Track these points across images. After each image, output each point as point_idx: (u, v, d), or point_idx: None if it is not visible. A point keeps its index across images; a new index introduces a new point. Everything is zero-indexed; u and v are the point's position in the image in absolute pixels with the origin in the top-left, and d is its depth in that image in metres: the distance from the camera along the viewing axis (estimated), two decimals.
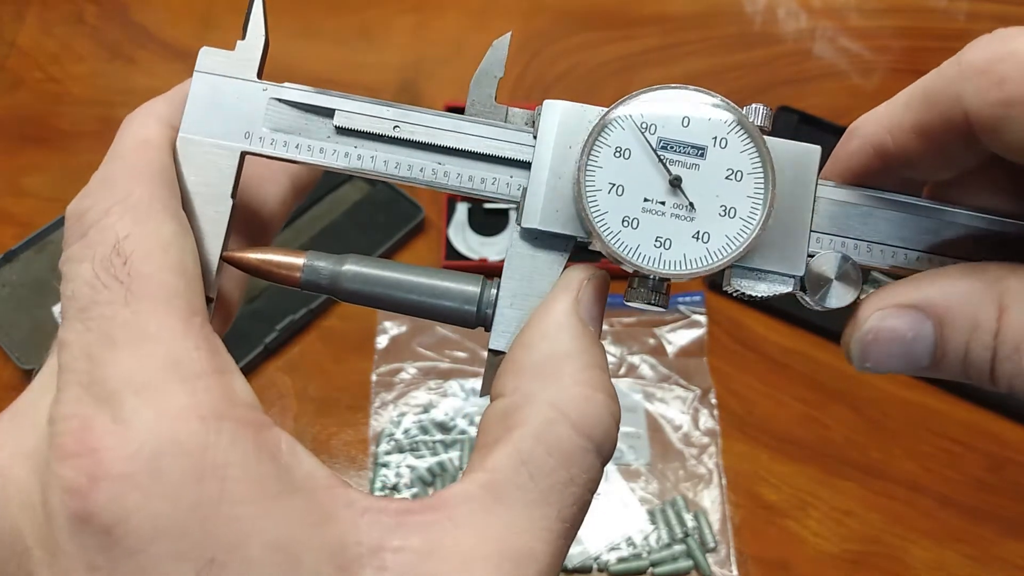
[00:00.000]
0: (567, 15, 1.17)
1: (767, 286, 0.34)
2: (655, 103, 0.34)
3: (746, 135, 0.34)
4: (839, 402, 0.89)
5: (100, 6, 1.16)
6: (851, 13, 1.20)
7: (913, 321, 0.31)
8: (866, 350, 0.32)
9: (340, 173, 0.36)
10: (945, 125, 0.32)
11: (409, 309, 0.35)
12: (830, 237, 0.34)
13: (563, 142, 0.34)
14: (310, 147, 0.35)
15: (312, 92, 0.35)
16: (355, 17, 1.15)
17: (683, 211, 0.33)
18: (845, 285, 0.34)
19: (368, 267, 0.35)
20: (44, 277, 0.91)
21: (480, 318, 0.35)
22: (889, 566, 0.80)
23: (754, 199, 0.33)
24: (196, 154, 0.34)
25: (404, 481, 0.81)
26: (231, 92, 0.35)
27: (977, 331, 0.30)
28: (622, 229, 0.33)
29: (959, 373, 0.31)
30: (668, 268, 0.33)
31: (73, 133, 1.04)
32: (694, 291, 0.94)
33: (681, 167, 0.34)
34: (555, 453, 0.31)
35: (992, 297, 0.30)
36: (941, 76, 0.32)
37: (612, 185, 0.33)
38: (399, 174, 0.35)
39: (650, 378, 0.89)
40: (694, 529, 0.80)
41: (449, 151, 0.35)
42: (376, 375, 0.88)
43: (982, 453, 0.86)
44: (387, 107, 0.35)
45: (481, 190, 0.35)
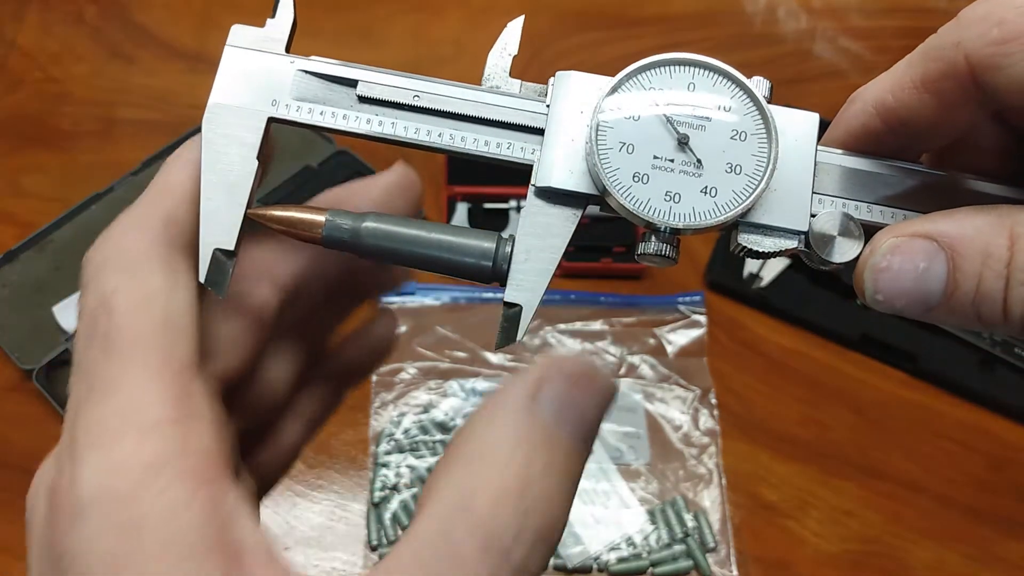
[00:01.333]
0: (567, 15, 1.17)
1: (773, 241, 0.35)
2: (663, 69, 0.36)
3: (748, 99, 0.36)
4: (839, 402, 0.89)
5: (100, 6, 1.16)
6: (851, 13, 1.20)
7: (927, 249, 0.31)
8: (878, 279, 0.32)
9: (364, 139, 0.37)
10: (946, 74, 0.32)
11: (427, 264, 0.36)
12: (832, 199, 0.36)
13: (575, 107, 0.36)
14: (334, 114, 0.37)
15: (337, 64, 0.37)
16: (355, 17, 1.15)
17: (691, 167, 0.35)
18: (848, 240, 0.35)
19: (388, 223, 0.36)
20: (44, 277, 0.91)
21: (496, 272, 0.36)
22: (889, 566, 0.80)
23: (758, 157, 0.35)
24: (224, 121, 0.36)
25: (404, 481, 0.81)
26: (260, 65, 0.37)
27: (990, 259, 0.30)
28: (633, 184, 0.35)
29: (970, 311, 0.30)
30: (678, 220, 0.35)
31: (73, 133, 1.04)
32: (694, 291, 0.94)
33: (688, 127, 0.35)
34: (444, 554, 0.28)
35: (1004, 229, 0.30)
36: (940, 33, 0.32)
37: (623, 144, 0.35)
38: (419, 139, 0.37)
39: (650, 378, 0.89)
40: (694, 529, 0.80)
41: (467, 118, 0.37)
42: (376, 375, 0.88)
43: (982, 453, 0.86)
44: (408, 78, 0.37)
45: (497, 154, 0.37)
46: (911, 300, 0.31)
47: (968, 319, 0.31)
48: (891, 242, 0.32)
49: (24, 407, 0.85)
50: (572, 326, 0.92)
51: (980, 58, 0.30)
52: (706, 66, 0.36)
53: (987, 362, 0.90)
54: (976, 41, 0.31)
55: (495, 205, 0.98)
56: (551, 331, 0.91)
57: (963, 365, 0.90)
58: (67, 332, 0.87)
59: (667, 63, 0.36)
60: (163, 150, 0.99)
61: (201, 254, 0.35)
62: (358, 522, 0.80)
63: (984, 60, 0.30)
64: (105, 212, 0.95)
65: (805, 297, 0.93)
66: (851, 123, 0.36)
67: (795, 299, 0.93)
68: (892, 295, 0.31)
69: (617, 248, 0.95)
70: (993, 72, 0.30)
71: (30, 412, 0.84)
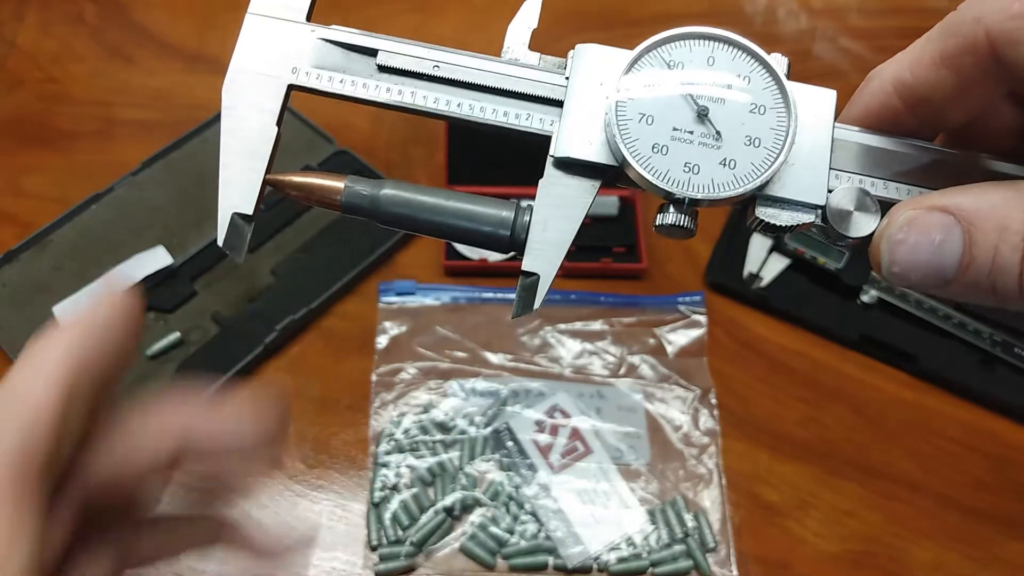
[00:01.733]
0: (568, 15, 1.17)
1: (790, 215, 0.35)
2: (682, 43, 0.37)
3: (768, 74, 0.36)
4: (839, 402, 0.89)
5: (100, 6, 1.16)
6: (851, 13, 1.20)
7: (943, 222, 0.31)
8: (895, 250, 0.32)
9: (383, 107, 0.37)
10: (965, 49, 0.32)
11: (446, 232, 0.36)
12: (848, 175, 0.36)
13: (595, 79, 0.36)
14: (354, 82, 0.37)
15: (357, 33, 0.38)
16: (356, 16, 1.15)
17: (710, 139, 0.35)
18: (864, 215, 0.35)
19: (407, 191, 0.36)
20: (44, 277, 0.91)
21: (514, 241, 0.36)
22: (889, 566, 0.80)
23: (777, 131, 0.35)
24: (245, 87, 0.36)
25: (404, 481, 0.81)
26: (280, 32, 0.37)
27: (1006, 232, 0.30)
28: (652, 155, 0.35)
29: (986, 284, 0.31)
30: (697, 191, 0.35)
31: (73, 133, 1.04)
32: (694, 291, 0.94)
33: (708, 100, 0.36)
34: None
35: (1021, 203, 0.30)
36: (960, 8, 0.32)
37: (642, 115, 0.35)
38: (437, 108, 0.37)
39: (650, 378, 0.89)
40: (694, 529, 0.80)
41: (487, 89, 0.37)
42: (376, 375, 0.88)
43: (983, 453, 0.86)
44: (428, 48, 0.37)
45: (516, 124, 0.37)
46: (927, 272, 0.31)
47: (983, 293, 0.31)
48: (908, 214, 0.32)
49: None
50: (572, 326, 0.92)
51: (1000, 32, 0.30)
52: (726, 40, 0.37)
53: (987, 362, 0.90)
54: (996, 15, 0.30)
55: None
56: (551, 331, 0.91)
57: (963, 365, 0.90)
58: None
59: (687, 36, 0.37)
60: (163, 150, 0.99)
61: (220, 218, 0.36)
62: (358, 522, 0.80)
63: (1004, 34, 0.30)
64: (105, 212, 0.95)
65: (805, 297, 0.93)
66: (869, 101, 0.36)
67: (795, 299, 0.93)
68: (908, 267, 0.31)
69: (617, 248, 0.95)
70: (1014, 47, 0.30)
71: None
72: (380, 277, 0.94)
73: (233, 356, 0.87)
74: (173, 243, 0.92)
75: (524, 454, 0.83)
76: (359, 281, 0.94)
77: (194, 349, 0.88)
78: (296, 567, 0.77)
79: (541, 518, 0.80)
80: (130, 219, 0.95)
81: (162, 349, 0.87)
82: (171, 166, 0.98)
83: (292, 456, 0.83)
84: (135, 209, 0.95)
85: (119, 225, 0.94)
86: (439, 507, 0.80)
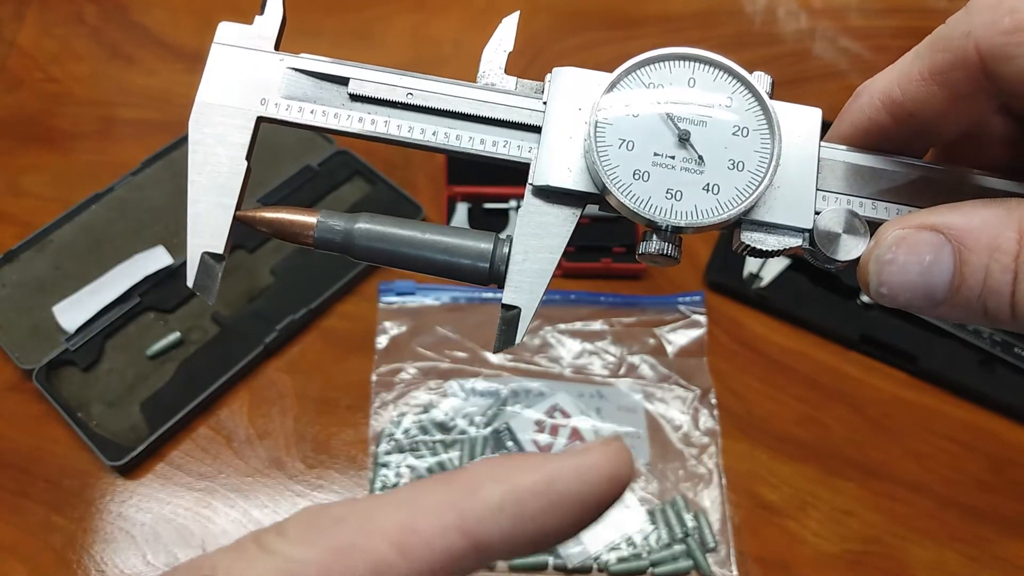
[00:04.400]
0: (568, 15, 1.17)
1: (776, 239, 0.34)
2: (662, 65, 0.35)
3: (750, 94, 0.35)
4: (839, 402, 0.89)
5: (100, 6, 1.16)
6: (851, 13, 1.20)
7: (933, 241, 0.30)
8: (883, 271, 0.31)
9: (355, 137, 0.36)
10: (955, 65, 0.31)
11: (423, 266, 0.35)
12: (836, 195, 0.35)
13: (573, 104, 0.35)
14: (325, 112, 0.36)
15: (327, 61, 0.36)
16: (355, 17, 1.15)
17: (693, 164, 0.34)
18: (853, 237, 0.34)
19: (381, 224, 0.35)
20: (44, 277, 0.91)
21: (493, 274, 0.35)
22: (889, 566, 0.80)
23: (761, 153, 0.34)
24: (213, 120, 0.35)
25: (404, 481, 0.81)
26: (248, 63, 0.36)
27: (997, 253, 0.29)
28: (633, 182, 0.34)
29: (976, 306, 0.30)
30: (680, 219, 0.34)
31: (73, 133, 1.04)
32: (694, 291, 0.94)
33: (689, 123, 0.34)
34: None
35: (1012, 222, 0.29)
36: (949, 22, 0.32)
37: (622, 141, 0.34)
38: (412, 138, 0.36)
39: (650, 378, 0.89)
40: (694, 529, 0.80)
41: (462, 116, 0.36)
42: (376, 375, 0.88)
43: (982, 453, 0.86)
44: (401, 75, 0.36)
45: (493, 152, 0.36)
46: (916, 294, 0.30)
47: (974, 315, 0.30)
48: (896, 234, 0.31)
49: (24, 407, 0.85)
50: (572, 326, 0.92)
51: (990, 47, 0.30)
52: (707, 61, 0.35)
53: (987, 362, 0.90)
54: (986, 30, 0.30)
55: (495, 205, 0.98)
56: (551, 331, 0.91)
57: (963, 365, 0.90)
58: (67, 332, 0.87)
59: (667, 58, 0.35)
60: (163, 150, 0.99)
61: (189, 258, 0.34)
62: None
63: (994, 50, 0.30)
64: (105, 212, 0.95)
65: (805, 297, 0.93)
66: (857, 117, 0.35)
67: (795, 299, 0.93)
68: (896, 288, 0.31)
69: (617, 248, 0.95)
70: (1004, 62, 0.30)
71: (30, 412, 0.84)
72: (380, 277, 0.94)
73: (233, 356, 0.87)
74: (173, 243, 0.92)
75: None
76: (359, 281, 0.94)
77: (194, 349, 0.88)
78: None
79: None
80: (130, 219, 0.95)
81: (162, 349, 0.87)
82: (171, 166, 0.98)
83: (292, 456, 0.83)
84: (135, 209, 0.95)
85: (119, 225, 0.94)
86: None
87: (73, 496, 0.80)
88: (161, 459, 0.83)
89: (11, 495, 0.80)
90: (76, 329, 0.87)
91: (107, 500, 0.81)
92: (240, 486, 0.82)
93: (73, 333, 0.86)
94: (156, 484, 0.82)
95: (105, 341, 0.88)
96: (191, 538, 0.79)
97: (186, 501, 0.81)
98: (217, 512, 0.80)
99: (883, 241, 0.31)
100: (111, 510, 0.80)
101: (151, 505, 0.80)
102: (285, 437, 0.85)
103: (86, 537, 0.78)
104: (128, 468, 0.81)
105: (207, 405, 0.85)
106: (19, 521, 0.79)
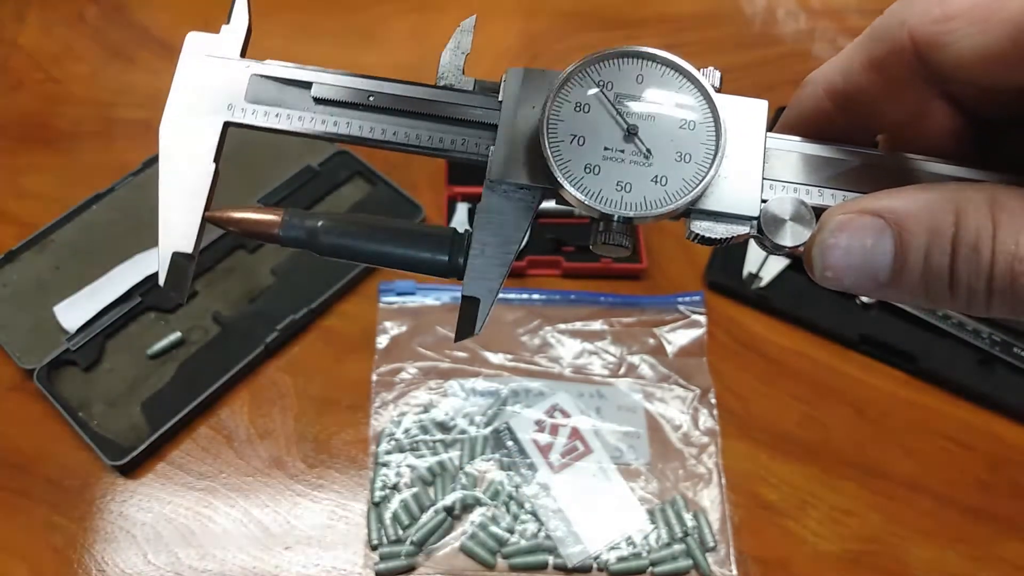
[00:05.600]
0: (567, 16, 1.17)
1: (725, 228, 0.36)
2: (612, 62, 0.36)
3: (696, 89, 0.36)
4: (838, 402, 0.89)
5: (101, 7, 1.16)
6: (851, 13, 1.20)
7: (874, 226, 0.31)
8: (827, 255, 0.32)
9: (321, 140, 0.38)
10: (892, 53, 0.32)
11: (385, 260, 0.37)
12: (783, 184, 0.36)
13: (527, 101, 0.37)
14: (289, 116, 0.37)
15: (291, 67, 0.38)
16: (356, 17, 1.15)
17: (641, 157, 0.35)
18: (799, 225, 0.35)
19: (345, 220, 0.37)
20: (45, 277, 0.91)
21: (452, 266, 0.37)
22: (888, 565, 0.80)
23: (707, 145, 0.36)
24: (182, 126, 0.37)
25: (404, 480, 0.81)
26: (215, 70, 0.38)
27: (936, 235, 0.30)
28: (584, 176, 0.35)
29: (918, 287, 0.31)
30: (629, 210, 0.35)
31: (74, 133, 1.04)
32: (694, 291, 0.94)
33: (638, 118, 0.36)
34: None
35: (949, 205, 0.30)
36: (886, 12, 0.33)
37: (574, 136, 0.36)
38: (374, 137, 0.37)
39: (650, 378, 0.90)
40: (694, 528, 0.80)
41: (421, 116, 0.37)
42: (376, 375, 0.88)
43: (981, 453, 0.87)
44: (362, 78, 0.38)
45: (451, 149, 0.37)
46: (860, 276, 0.31)
47: (917, 296, 0.31)
48: (839, 219, 0.32)
49: (25, 407, 0.85)
50: (572, 326, 0.92)
51: (924, 36, 0.31)
52: (654, 58, 0.36)
53: (986, 362, 0.90)
54: (919, 19, 0.31)
55: None
56: (551, 331, 0.91)
57: (963, 365, 0.90)
58: (68, 332, 0.87)
59: (615, 55, 0.36)
60: None
61: (160, 258, 0.36)
62: (359, 521, 0.80)
63: (928, 38, 0.31)
64: (106, 212, 0.96)
65: (805, 297, 0.93)
66: (803, 106, 0.36)
67: (795, 299, 0.93)
68: (840, 272, 0.32)
69: None
70: (937, 50, 0.31)
71: (31, 412, 0.84)
72: (380, 277, 0.94)
73: (234, 356, 0.87)
74: None
75: (524, 454, 0.83)
76: (359, 281, 0.94)
77: (195, 349, 0.88)
78: (297, 567, 0.78)
79: (541, 517, 0.80)
80: (131, 219, 0.95)
81: (163, 349, 0.88)
82: None
83: (293, 455, 0.84)
84: (136, 209, 0.96)
85: (120, 225, 0.95)
86: (439, 506, 0.80)
87: (74, 496, 0.81)
88: (162, 459, 0.83)
89: (12, 495, 0.81)
90: (77, 329, 0.87)
91: (108, 500, 0.81)
92: (241, 485, 0.82)
93: (74, 333, 0.87)
94: (157, 484, 0.82)
95: (106, 341, 0.88)
96: (192, 537, 0.79)
97: (187, 501, 0.81)
98: (218, 512, 0.80)
99: (826, 226, 0.32)
100: (112, 509, 0.80)
101: (152, 505, 0.81)
102: (286, 437, 0.85)
103: (87, 536, 0.79)
104: (129, 468, 0.82)
105: (208, 405, 0.86)
106: (20, 521, 0.79)
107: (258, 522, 0.80)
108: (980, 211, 0.29)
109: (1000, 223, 0.29)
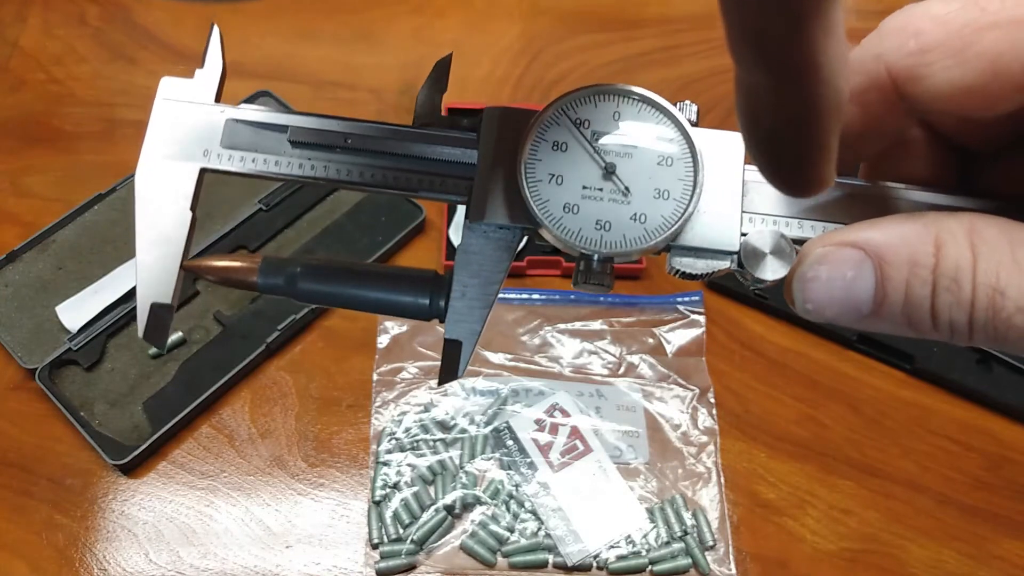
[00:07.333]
0: (567, 17, 1.17)
1: (705, 263, 0.36)
2: (588, 100, 0.36)
3: (673, 125, 0.36)
4: (837, 401, 0.89)
5: (102, 7, 1.16)
6: (850, 14, 1.21)
7: (854, 258, 0.31)
8: (807, 288, 0.32)
9: (298, 182, 0.37)
10: (869, 85, 0.32)
11: (365, 305, 0.37)
12: (762, 216, 0.36)
13: (505, 140, 0.36)
14: (265, 160, 0.37)
15: (265, 111, 0.37)
16: (356, 18, 1.15)
17: (619, 195, 0.35)
18: (778, 258, 0.35)
19: (323, 267, 0.37)
20: (47, 277, 0.91)
21: (433, 310, 0.36)
22: (887, 564, 0.80)
23: (685, 181, 0.36)
24: (157, 174, 0.37)
25: (405, 480, 0.82)
26: (190, 116, 0.37)
27: (916, 267, 0.30)
28: (564, 215, 0.35)
29: (900, 318, 0.30)
30: (609, 248, 0.35)
31: (75, 134, 1.05)
32: (693, 291, 0.95)
33: (615, 156, 0.36)
34: None
35: (930, 236, 0.30)
36: (862, 44, 0.33)
37: (552, 175, 0.36)
38: (351, 179, 0.37)
39: (649, 377, 0.90)
40: (693, 527, 0.80)
41: (399, 157, 0.37)
42: (377, 374, 0.88)
43: (980, 452, 0.87)
44: (338, 120, 0.37)
45: (430, 190, 0.37)
46: (842, 309, 0.31)
47: (899, 327, 0.31)
48: (819, 252, 0.31)
49: (27, 406, 0.85)
50: (572, 326, 0.92)
51: (900, 69, 0.31)
52: (630, 94, 0.36)
53: (984, 361, 0.90)
54: (895, 52, 0.31)
55: None
56: (551, 331, 0.92)
57: (961, 364, 0.90)
58: (70, 332, 0.87)
59: (592, 93, 0.36)
60: None
61: (139, 310, 0.35)
62: (359, 520, 0.80)
63: (904, 71, 0.31)
64: (107, 212, 0.96)
65: None
66: None
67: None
68: (822, 304, 0.31)
69: None
70: (914, 83, 0.31)
71: (32, 411, 0.85)
72: None
73: (235, 355, 0.87)
74: None
75: (524, 453, 0.84)
76: None
77: (196, 348, 0.88)
78: (297, 566, 0.78)
79: (541, 516, 0.80)
80: (132, 219, 0.95)
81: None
82: None
83: (294, 454, 0.84)
84: None
85: (121, 225, 0.95)
86: (440, 505, 0.80)
87: (76, 495, 0.81)
88: (163, 458, 0.83)
89: (14, 494, 0.81)
90: (79, 329, 0.87)
91: (109, 499, 0.81)
92: (242, 485, 0.82)
93: (76, 332, 0.87)
94: (158, 483, 0.82)
95: (108, 340, 0.88)
96: (193, 536, 0.79)
97: (188, 500, 0.81)
98: (219, 510, 0.81)
99: (806, 259, 0.32)
100: (113, 509, 0.81)
101: (153, 504, 0.81)
102: (287, 436, 0.85)
103: (88, 536, 0.79)
104: (130, 467, 0.82)
105: (209, 404, 0.86)
106: (22, 520, 0.80)
107: (259, 521, 0.80)
108: (960, 242, 0.29)
109: (980, 254, 0.29)
